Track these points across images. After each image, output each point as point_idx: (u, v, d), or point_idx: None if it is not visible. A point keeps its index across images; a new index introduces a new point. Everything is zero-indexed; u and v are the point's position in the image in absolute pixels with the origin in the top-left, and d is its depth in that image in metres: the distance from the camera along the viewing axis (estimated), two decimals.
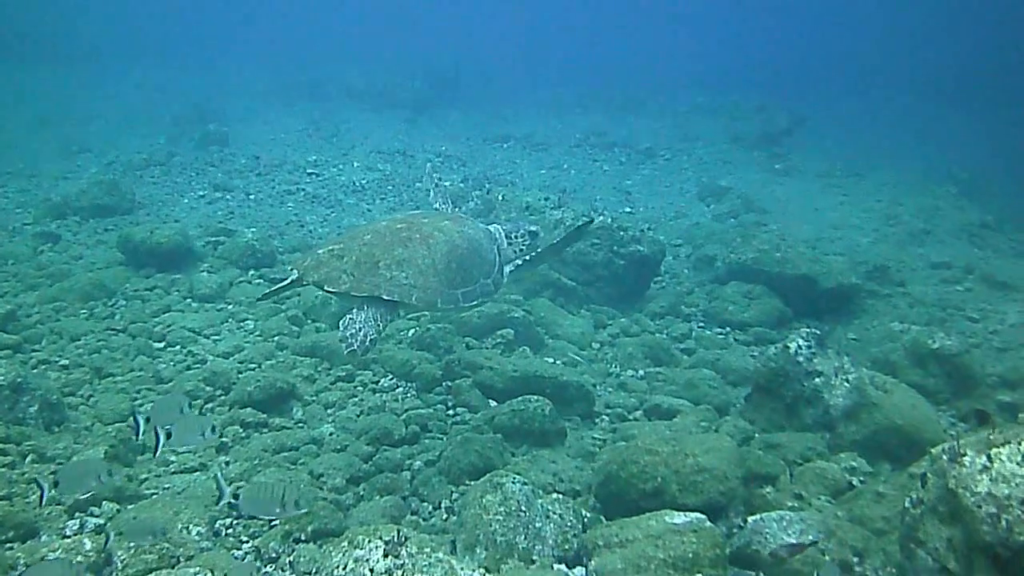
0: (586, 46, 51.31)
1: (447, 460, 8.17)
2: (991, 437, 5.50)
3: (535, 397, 9.04)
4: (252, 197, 18.09)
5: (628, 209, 19.54)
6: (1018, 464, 5.18)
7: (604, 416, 9.83)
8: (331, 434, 8.85)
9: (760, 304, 12.99)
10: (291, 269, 7.52)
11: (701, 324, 12.93)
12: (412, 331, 11.03)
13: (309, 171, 20.54)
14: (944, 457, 5.58)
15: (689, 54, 49.43)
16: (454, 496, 7.78)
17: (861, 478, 7.95)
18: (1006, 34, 51.22)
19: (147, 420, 5.98)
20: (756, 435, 9.03)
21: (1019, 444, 5.30)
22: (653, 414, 9.86)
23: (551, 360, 10.85)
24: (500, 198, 14.30)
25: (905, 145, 29.09)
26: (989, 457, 5.31)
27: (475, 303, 7.58)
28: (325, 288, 7.08)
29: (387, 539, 5.53)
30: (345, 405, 9.52)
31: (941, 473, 5.59)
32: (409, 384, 9.96)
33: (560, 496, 7.11)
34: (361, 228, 7.72)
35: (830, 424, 8.89)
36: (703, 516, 6.50)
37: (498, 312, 11.22)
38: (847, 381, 8.99)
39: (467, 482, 7.80)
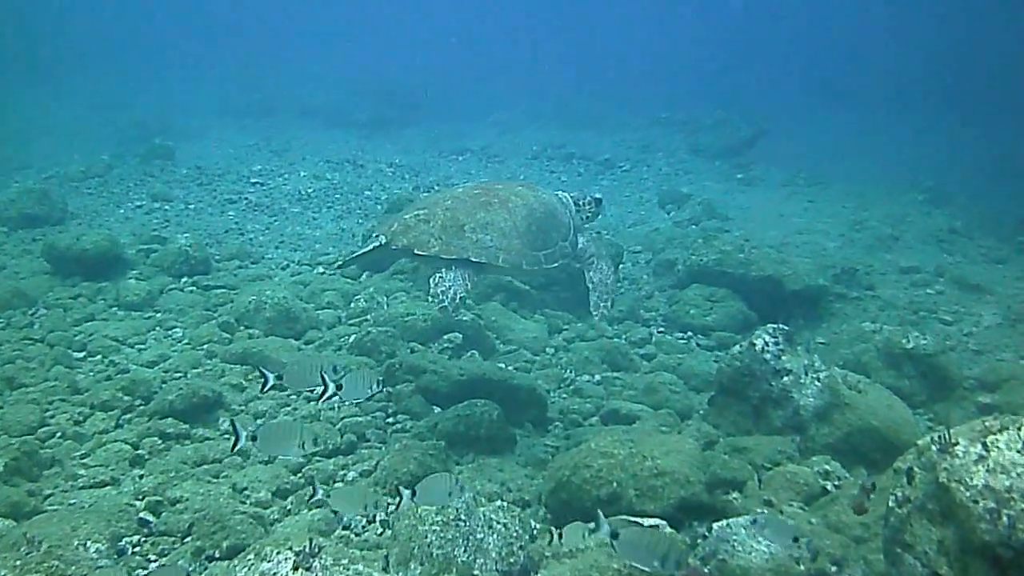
0: (543, 63, 50.88)
1: (384, 470, 7.46)
2: (987, 424, 4.85)
3: (482, 401, 8.39)
4: (192, 207, 17.34)
5: None
6: (1019, 452, 4.54)
7: (558, 422, 9.21)
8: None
9: (723, 307, 12.42)
10: (376, 235, 7.62)
11: (661, 329, 12.38)
12: (352, 336, 10.30)
13: (253, 180, 19.80)
14: (933, 448, 4.92)
15: (650, 69, 49.20)
16: (390, 509, 7.03)
17: (836, 482, 7.32)
18: (964, 48, 51.61)
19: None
20: (721, 439, 8.45)
21: (1019, 429, 4.66)
22: (610, 420, 9.24)
23: (501, 365, 10.16)
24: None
25: (867, 156, 28.67)
26: (985, 445, 4.66)
27: (556, 264, 7.78)
28: (415, 252, 7.25)
29: (298, 550, 4.86)
30: (276, 414, 8.82)
31: (930, 466, 4.94)
32: None
33: (505, 504, 6.40)
34: (439, 195, 8.02)
35: (800, 426, 8.27)
36: (663, 523, 5.85)
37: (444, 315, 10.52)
38: (818, 380, 8.38)
39: (397, 494, 7.06)
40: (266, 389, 6.24)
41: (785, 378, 8.41)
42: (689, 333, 12.23)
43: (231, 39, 46.99)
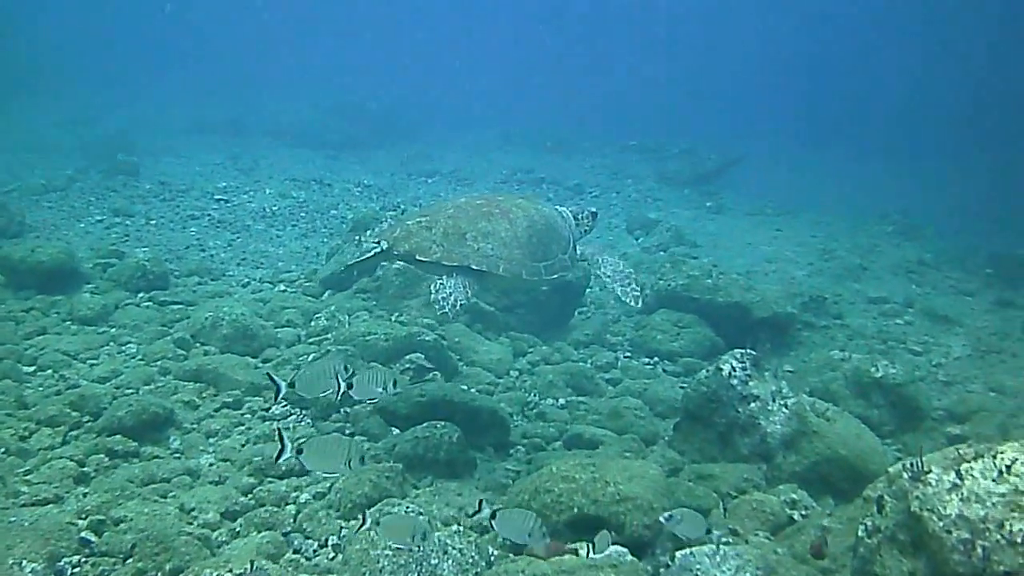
0: (515, 89, 50.98)
1: (338, 492, 7.17)
2: (961, 451, 4.68)
3: (441, 424, 8.11)
4: (153, 222, 17.01)
5: None
6: (994, 481, 4.37)
7: (520, 446, 8.97)
8: (210, 465, 7.85)
9: (690, 333, 12.27)
10: (378, 241, 7.68)
11: (627, 354, 12.20)
12: (311, 355, 10.03)
13: (217, 197, 19.51)
14: (905, 476, 4.76)
15: (621, 98, 49.35)
16: (343, 532, 6.77)
17: (803, 512, 7.16)
18: (935, 88, 52.37)
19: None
20: (686, 466, 8.27)
21: (993, 458, 4.50)
22: (574, 444, 9.00)
23: (464, 387, 9.94)
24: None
25: (835, 188, 28.96)
26: (959, 474, 4.50)
27: (556, 276, 7.83)
28: (417, 257, 7.28)
29: (238, 573, 4.59)
30: (230, 433, 8.51)
31: (901, 495, 4.77)
32: (304, 411, 8.97)
33: (461, 529, 6.17)
34: (441, 203, 8.04)
35: (767, 454, 8.09)
36: (624, 550, 5.64)
37: (407, 335, 10.29)
38: (785, 407, 8.21)
39: (359, 517, 6.80)
40: (279, 398, 6.13)
41: (752, 404, 8.24)
42: (655, 358, 12.07)
43: (203, 58, 46.63)
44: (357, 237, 13.43)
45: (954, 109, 47.43)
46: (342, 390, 5.82)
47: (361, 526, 5.38)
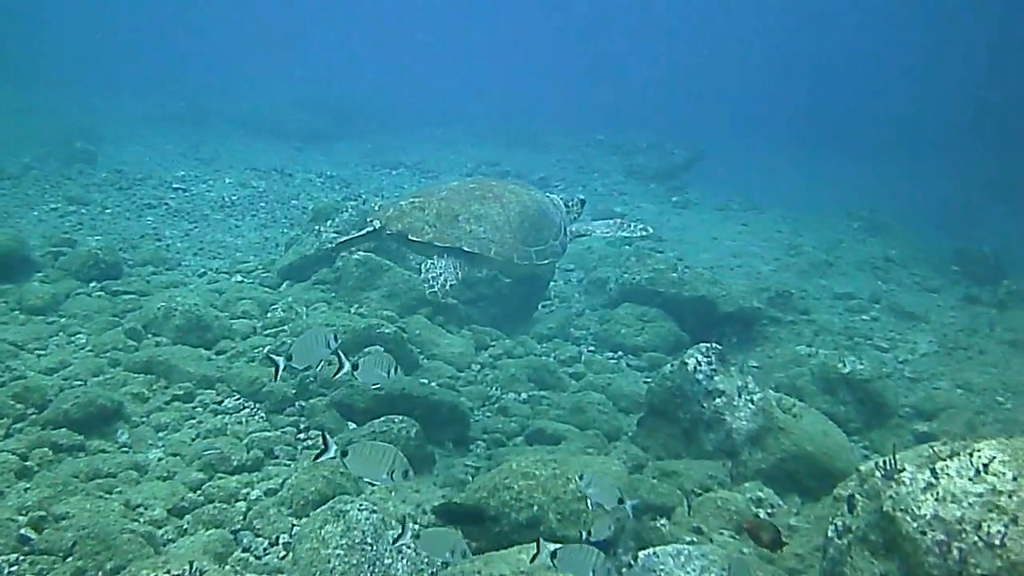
0: (482, 82, 50.73)
1: (290, 488, 6.92)
2: (935, 449, 4.50)
3: (399, 418, 7.87)
4: (108, 211, 16.53)
5: None
6: (970, 480, 4.19)
7: (480, 441, 8.77)
8: (159, 460, 7.55)
9: (655, 327, 12.11)
10: (371, 220, 7.74)
11: (591, 348, 12.02)
12: (267, 347, 9.73)
13: (176, 186, 19.03)
14: (877, 474, 4.58)
15: (589, 92, 49.31)
16: (295, 530, 6.52)
17: (769, 510, 7.00)
18: (901, 89, 52.85)
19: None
20: (650, 462, 8.09)
21: (970, 456, 4.32)
22: (535, 440, 8.81)
23: (424, 381, 9.70)
24: (377, 209, 13.11)
25: (801, 185, 29.04)
26: (934, 472, 4.32)
27: (547, 262, 7.83)
28: (409, 237, 7.33)
29: (176, 574, 4.33)
30: (180, 427, 8.20)
31: (873, 494, 4.58)
32: (257, 404, 8.69)
33: (416, 527, 5.92)
34: (434, 186, 8.06)
35: (733, 450, 7.93)
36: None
37: (366, 327, 10.00)
38: (751, 402, 8.05)
39: (312, 513, 6.55)
40: (279, 376, 6.07)
41: (718, 400, 8.09)
42: (619, 353, 11.92)
43: (165, 48, 45.95)
44: (317, 227, 13.12)
45: (923, 108, 47.82)
46: (345, 369, 5.87)
47: (399, 538, 5.25)
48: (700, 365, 8.21)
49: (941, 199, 28.44)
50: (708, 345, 8.42)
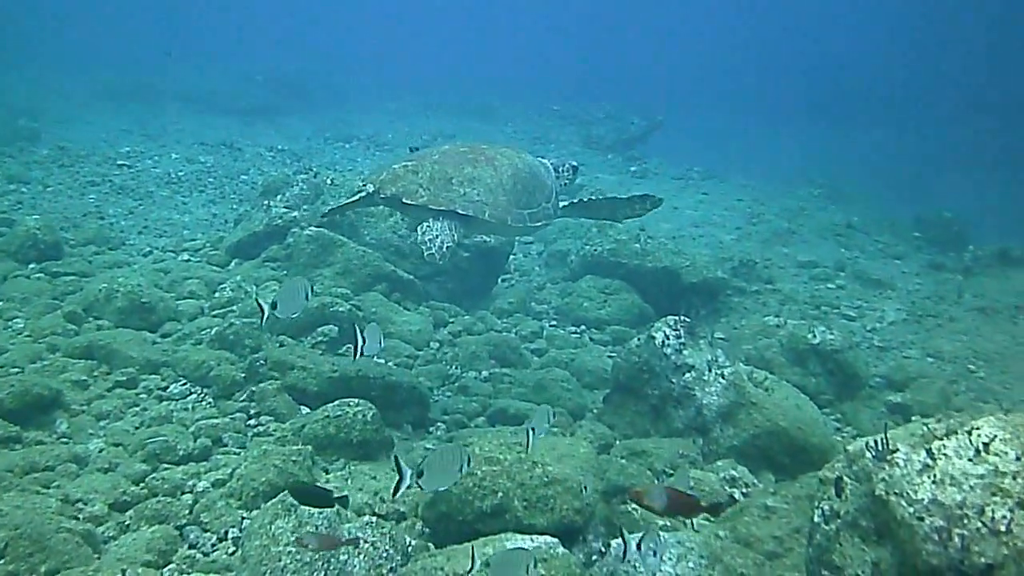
0: (436, 53, 50.21)
1: (240, 479, 6.51)
2: (930, 427, 4.18)
3: (355, 401, 7.47)
4: (50, 189, 15.92)
5: None
6: (970, 460, 3.88)
7: (440, 423, 8.41)
8: (100, 451, 7.10)
9: (618, 300, 11.83)
10: (364, 184, 7.74)
11: (553, 322, 11.72)
12: (214, 328, 9.27)
13: (120, 162, 18.38)
14: (868, 455, 4.24)
15: (545, 63, 48.96)
16: (245, 524, 6.12)
17: (743, 490, 6.70)
18: (859, 59, 53.07)
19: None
20: (617, 441, 7.73)
21: (968, 434, 4.00)
22: (498, 420, 8.49)
23: (381, 361, 9.32)
24: (329, 182, 12.73)
25: (760, 153, 28.91)
26: (930, 453, 4.00)
27: (540, 224, 7.82)
28: (404, 201, 7.29)
29: None
30: (123, 415, 7.74)
31: (864, 477, 4.26)
32: (204, 390, 8.25)
33: (374, 520, 5.55)
34: (427, 150, 8.04)
35: (703, 427, 7.66)
36: (555, 540, 5.11)
37: (319, 306, 9.59)
38: (722, 377, 7.77)
39: (263, 506, 6.15)
40: (264, 321, 6.10)
41: (687, 375, 7.81)
42: (582, 327, 11.65)
43: (113, 22, 44.87)
44: (267, 203, 12.65)
45: (878, 77, 48.01)
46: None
47: (471, 569, 4.82)
48: (668, 339, 7.91)
49: (897, 166, 28.44)
50: (676, 318, 8.13)
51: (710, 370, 7.78)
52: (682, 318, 8.15)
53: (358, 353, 5.94)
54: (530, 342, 10.89)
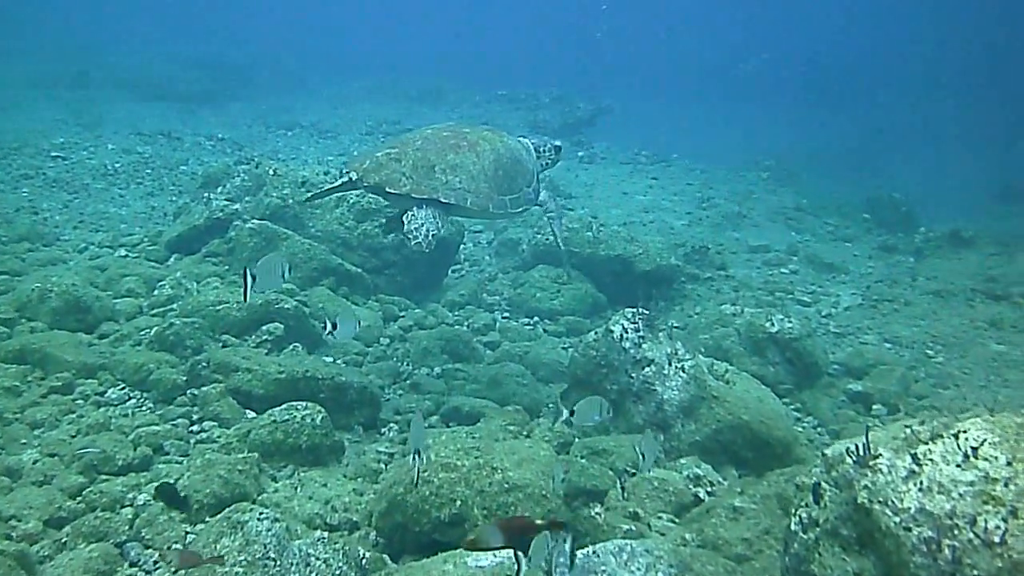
0: (382, 39, 49.69)
1: (183, 490, 6.16)
2: (913, 430, 3.98)
3: (303, 404, 7.16)
4: None
5: None
6: (959, 466, 3.68)
7: (393, 423, 8.08)
8: (34, 462, 6.69)
9: (571, 290, 11.64)
10: (346, 171, 7.79)
11: (506, 314, 11.51)
12: (154, 328, 8.87)
13: (54, 154, 17.74)
14: (848, 461, 4.03)
15: (491, 47, 48.66)
16: (189, 539, 5.79)
17: (708, 489, 6.49)
18: (800, 41, 53.43)
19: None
20: (577, 439, 7.46)
21: (955, 437, 3.80)
22: (452, 418, 8.22)
23: (329, 359, 9.00)
24: (272, 172, 12.28)
25: (705, 136, 28.87)
26: (915, 458, 3.80)
27: (522, 209, 8.04)
28: (387, 190, 7.45)
29: None
30: (58, 423, 7.34)
31: (844, 483, 4.05)
32: (144, 394, 7.87)
33: (326, 536, 5.26)
34: (409, 135, 8.12)
35: (664, 423, 7.46)
36: (520, 556, 4.80)
37: (263, 303, 9.23)
38: (683, 370, 7.57)
39: (208, 519, 5.83)
40: (247, 296, 6.05)
41: (646, 368, 7.60)
42: (535, 318, 11.44)
43: (47, 8, 43.67)
44: (206, 195, 12.23)
45: (817, 58, 48.30)
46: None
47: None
48: (627, 332, 7.70)
49: (844, 147, 28.54)
50: (634, 310, 7.92)
51: (670, 364, 7.58)
52: (640, 310, 7.94)
53: (331, 337, 6.23)
54: (483, 335, 10.66)
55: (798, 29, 57.70)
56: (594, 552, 4.92)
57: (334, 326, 6.00)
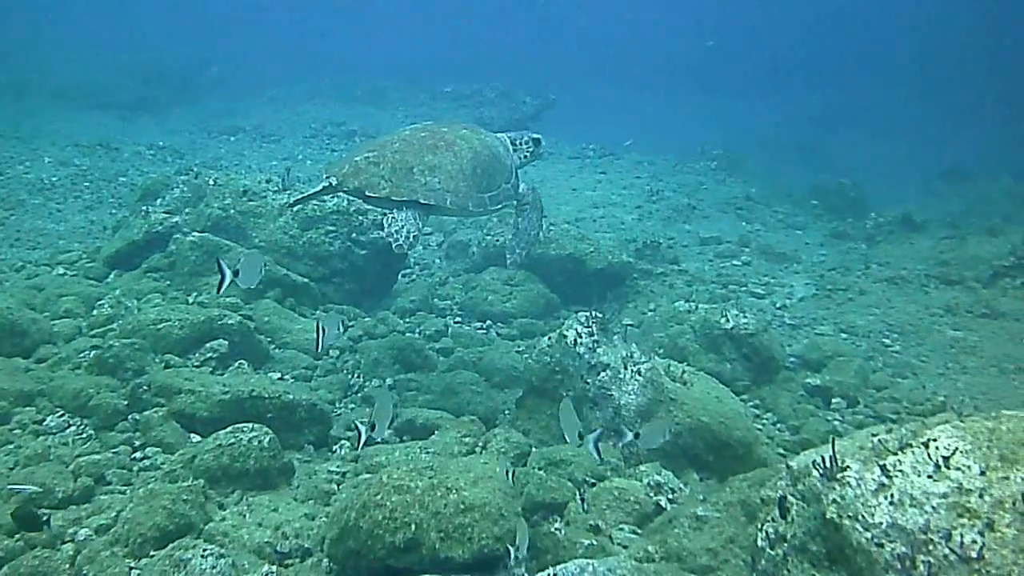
0: (321, 39, 49.22)
1: (126, 523, 5.85)
2: (879, 439, 3.83)
3: (250, 426, 6.86)
4: None
5: None
6: (930, 478, 3.54)
7: (344, 440, 7.83)
8: None
9: (523, 291, 11.45)
10: (325, 176, 7.89)
11: (458, 319, 11.28)
12: (93, 351, 8.54)
13: None
14: (815, 473, 3.87)
15: (434, 44, 48.40)
16: (133, 575, 5.52)
17: (670, 496, 6.33)
18: (740, 28, 53.75)
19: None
20: (534, 449, 7.27)
21: (924, 447, 3.65)
22: (405, 432, 7.96)
23: (276, 375, 8.74)
24: (212, 182, 11.96)
25: (649, 127, 28.77)
26: (884, 470, 3.65)
27: (500, 206, 8.18)
28: (366, 194, 7.54)
29: None
30: None
31: (811, 497, 3.90)
32: (84, 421, 7.54)
33: (273, 569, 5.02)
34: (387, 137, 8.14)
35: (622, 429, 7.18)
36: None
37: (206, 319, 8.93)
38: (639, 374, 7.40)
39: (153, 553, 5.56)
40: (222, 289, 6.01)
41: (602, 374, 7.43)
42: (488, 322, 11.26)
43: None
44: (145, 208, 11.88)
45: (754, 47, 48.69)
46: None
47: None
48: (581, 337, 7.52)
49: (790, 134, 28.69)
50: (588, 313, 7.75)
51: (626, 367, 7.42)
52: (594, 313, 7.76)
53: (319, 346, 6.40)
54: (435, 341, 10.41)
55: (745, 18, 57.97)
56: (555, 574, 4.74)
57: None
